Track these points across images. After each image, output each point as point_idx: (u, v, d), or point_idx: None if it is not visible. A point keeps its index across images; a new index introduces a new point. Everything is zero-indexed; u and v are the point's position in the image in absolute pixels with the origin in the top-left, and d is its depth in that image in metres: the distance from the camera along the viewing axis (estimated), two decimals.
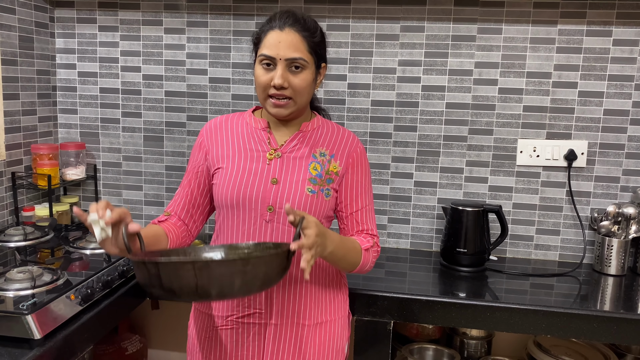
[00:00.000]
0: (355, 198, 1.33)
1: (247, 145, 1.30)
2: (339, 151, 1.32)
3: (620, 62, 1.86)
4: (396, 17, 1.94)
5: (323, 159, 1.30)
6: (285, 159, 1.28)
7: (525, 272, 1.83)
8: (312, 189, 1.26)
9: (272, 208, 1.24)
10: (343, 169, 1.31)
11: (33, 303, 1.24)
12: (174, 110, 2.11)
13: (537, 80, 1.91)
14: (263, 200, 1.24)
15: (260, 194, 1.24)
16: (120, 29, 2.09)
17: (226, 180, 1.26)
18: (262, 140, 1.30)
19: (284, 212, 1.20)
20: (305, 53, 1.21)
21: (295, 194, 1.24)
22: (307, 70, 1.22)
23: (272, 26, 1.21)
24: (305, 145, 1.30)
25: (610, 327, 1.48)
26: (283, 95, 1.22)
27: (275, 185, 1.25)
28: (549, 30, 1.88)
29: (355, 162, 1.33)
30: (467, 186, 2.00)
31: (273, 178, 1.25)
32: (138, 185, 2.17)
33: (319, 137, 1.32)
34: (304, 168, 1.27)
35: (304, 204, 1.24)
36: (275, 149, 1.29)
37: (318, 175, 1.27)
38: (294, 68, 1.21)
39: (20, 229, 1.75)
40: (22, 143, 1.97)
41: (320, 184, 1.27)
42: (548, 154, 1.93)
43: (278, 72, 1.20)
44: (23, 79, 1.96)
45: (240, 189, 1.25)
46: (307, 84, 1.23)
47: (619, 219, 1.84)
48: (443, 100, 1.96)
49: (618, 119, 1.89)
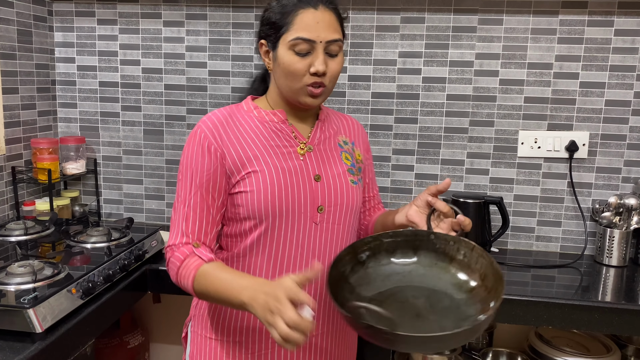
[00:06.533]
0: (373, 180, 1.35)
1: (272, 142, 1.13)
2: (355, 138, 1.27)
3: (621, 53, 1.85)
4: (396, 8, 1.93)
5: (347, 147, 1.23)
6: (318, 151, 1.17)
7: (527, 264, 1.82)
8: (354, 179, 1.19)
9: (322, 208, 1.13)
10: (363, 155, 1.28)
11: (34, 297, 1.24)
12: (174, 103, 2.10)
13: (538, 71, 1.90)
14: (312, 200, 1.11)
15: (307, 194, 1.11)
16: (119, 22, 2.08)
17: (265, 186, 1.08)
18: (286, 134, 1.15)
19: (334, 211, 1.15)
20: (340, 33, 1.09)
21: (342, 189, 1.15)
22: (341, 53, 1.11)
23: (303, 4, 1.06)
24: (329, 135, 1.21)
25: (611, 318, 1.48)
26: (319, 82, 1.08)
27: (319, 182, 1.13)
28: (550, 20, 1.87)
29: (367, 146, 1.33)
30: (468, 178, 1.99)
31: (316, 175, 1.13)
32: (138, 179, 2.16)
33: (335, 125, 1.25)
34: (337, 159, 1.18)
35: (352, 197, 1.16)
36: (305, 142, 1.16)
37: (352, 165, 1.21)
38: (331, 51, 1.08)
39: (21, 223, 1.75)
40: (21, 137, 1.97)
41: (356, 174, 1.21)
42: (549, 145, 1.92)
43: (320, 57, 1.06)
44: (22, 73, 1.95)
45: (287, 193, 1.09)
46: (341, 67, 1.11)
47: (621, 210, 1.83)
48: (444, 92, 1.95)
49: (619, 109, 1.88)
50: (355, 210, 1.20)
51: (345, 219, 1.18)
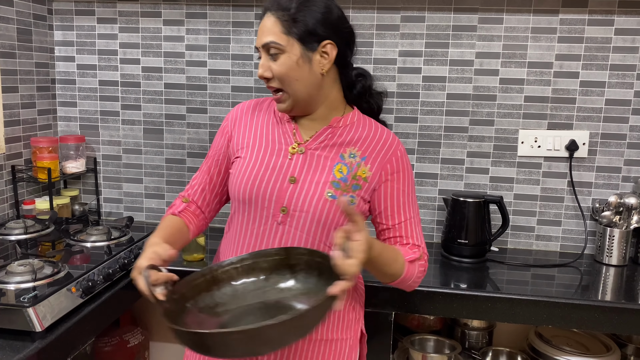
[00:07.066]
0: (398, 209, 1.17)
1: (271, 136, 1.18)
2: (372, 154, 1.16)
3: (622, 52, 1.85)
4: (396, 7, 1.93)
5: (352, 160, 1.15)
6: (309, 156, 1.15)
7: (527, 263, 1.82)
8: (334, 193, 1.12)
9: (285, 209, 1.13)
10: (375, 175, 1.16)
11: (34, 296, 1.24)
12: (174, 102, 2.10)
13: (538, 70, 1.90)
14: (277, 199, 1.13)
15: (275, 192, 1.13)
16: (119, 21, 2.08)
17: (242, 172, 1.16)
18: (287, 132, 1.18)
19: (298, 216, 1.12)
20: (279, 35, 1.07)
21: (313, 197, 1.12)
22: (285, 54, 1.08)
23: (261, 14, 1.12)
24: (333, 143, 1.16)
25: (611, 318, 1.48)
26: (273, 87, 1.12)
27: (293, 185, 1.13)
28: (551, 19, 1.87)
29: (395, 167, 1.17)
30: (468, 177, 1.99)
31: (292, 176, 1.14)
32: (138, 178, 2.16)
33: (352, 136, 1.17)
34: (327, 169, 1.14)
35: (321, 209, 1.11)
36: (300, 144, 1.16)
37: (343, 179, 1.13)
38: (272, 55, 1.09)
39: (21, 222, 1.75)
40: (21, 136, 1.96)
41: (343, 189, 1.13)
42: (549, 145, 1.92)
43: (260, 62, 1.11)
44: (22, 71, 1.95)
45: (254, 184, 1.14)
46: (287, 69, 1.08)
47: (621, 209, 1.83)
48: (444, 91, 1.95)
49: (620, 108, 1.88)
50: (324, 224, 1.13)
51: (310, 229, 1.13)
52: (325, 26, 1.09)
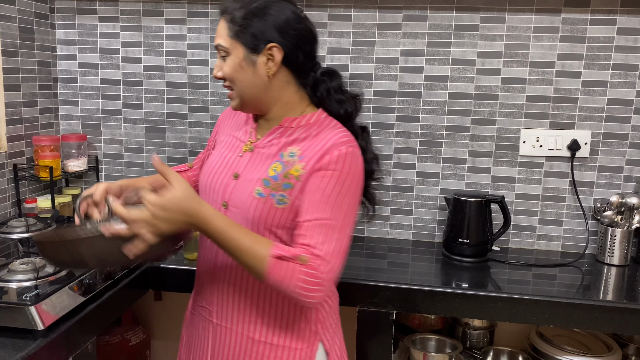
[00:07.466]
0: (313, 206, 1.05)
1: (236, 133, 1.25)
2: (311, 152, 1.10)
3: (624, 51, 1.85)
4: (398, 6, 1.93)
5: (290, 159, 1.12)
6: (255, 154, 1.17)
7: (528, 263, 1.82)
8: (262, 191, 1.11)
9: (226, 204, 1.16)
10: (308, 173, 1.09)
11: (36, 294, 1.24)
12: (175, 101, 2.10)
13: (540, 70, 1.90)
14: (222, 193, 1.17)
15: (221, 186, 1.18)
16: (121, 20, 2.08)
17: (204, 166, 1.27)
18: (247, 131, 1.23)
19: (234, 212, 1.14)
20: (225, 38, 1.11)
21: (244, 195, 1.13)
22: (230, 57, 1.11)
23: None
24: (279, 143, 1.15)
25: (612, 317, 1.48)
26: (225, 86, 1.17)
27: (235, 181, 1.16)
28: (553, 19, 1.86)
29: (324, 165, 1.07)
30: (470, 176, 1.99)
31: (235, 173, 1.17)
32: (140, 177, 2.16)
33: (300, 136, 1.14)
34: (264, 167, 1.14)
35: (248, 206, 1.11)
36: (252, 142, 1.19)
37: (274, 177, 1.11)
38: (222, 56, 1.14)
39: (23, 220, 1.75)
40: (23, 135, 1.97)
41: (272, 188, 1.10)
42: (551, 144, 1.92)
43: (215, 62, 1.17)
44: (24, 70, 1.95)
45: (207, 177, 1.22)
46: (232, 70, 1.11)
47: (622, 209, 1.83)
48: (446, 90, 1.95)
49: (622, 108, 1.88)
50: (252, 222, 1.11)
51: (245, 225, 1.10)
52: (270, 29, 1.09)
